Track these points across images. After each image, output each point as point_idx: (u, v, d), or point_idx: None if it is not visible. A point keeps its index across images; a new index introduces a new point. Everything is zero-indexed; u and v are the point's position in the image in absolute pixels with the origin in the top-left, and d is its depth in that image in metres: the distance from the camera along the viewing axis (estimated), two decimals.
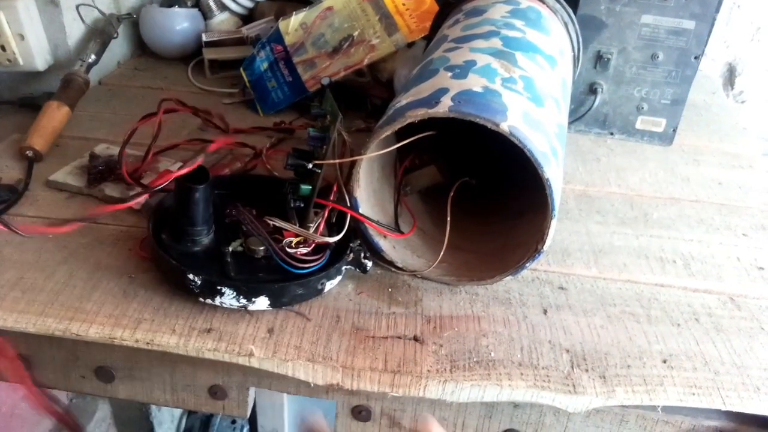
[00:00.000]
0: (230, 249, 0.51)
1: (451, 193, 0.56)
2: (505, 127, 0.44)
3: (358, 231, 0.54)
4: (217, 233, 0.53)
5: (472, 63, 0.51)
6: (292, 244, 0.50)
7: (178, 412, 1.47)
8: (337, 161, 0.52)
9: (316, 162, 0.52)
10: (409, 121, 0.46)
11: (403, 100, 0.49)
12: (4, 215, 0.59)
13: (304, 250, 0.50)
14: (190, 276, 0.47)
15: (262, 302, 0.48)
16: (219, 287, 0.47)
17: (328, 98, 0.55)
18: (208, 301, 0.48)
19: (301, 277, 0.49)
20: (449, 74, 0.50)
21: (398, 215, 0.57)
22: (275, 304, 0.49)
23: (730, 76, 1.14)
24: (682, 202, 0.69)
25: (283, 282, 0.49)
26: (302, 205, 0.53)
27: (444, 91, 0.47)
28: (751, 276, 0.58)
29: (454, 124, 0.46)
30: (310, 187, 0.52)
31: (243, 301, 0.48)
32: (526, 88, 0.49)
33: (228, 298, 0.47)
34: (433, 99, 0.46)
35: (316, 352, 0.47)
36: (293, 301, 0.50)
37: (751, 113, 1.14)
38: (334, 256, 0.52)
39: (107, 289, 0.51)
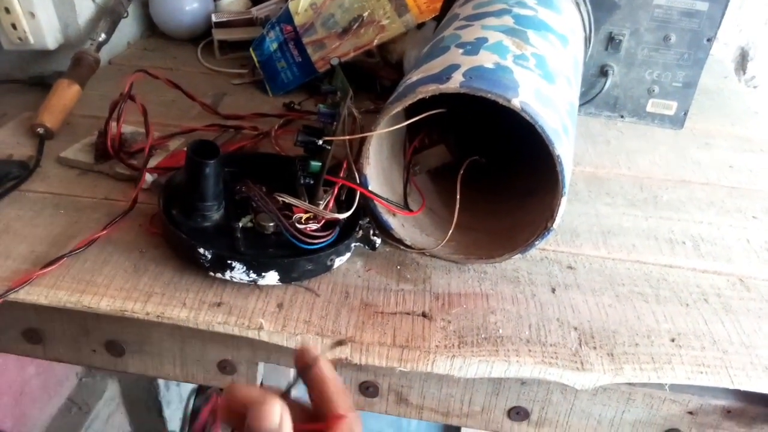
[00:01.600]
0: (240, 225, 0.51)
1: (461, 172, 0.56)
2: (516, 102, 0.44)
3: (367, 208, 0.54)
4: (227, 209, 0.53)
5: (484, 40, 0.50)
6: (302, 220, 0.50)
7: (186, 392, 1.49)
8: (347, 138, 0.52)
9: (326, 138, 0.52)
10: (420, 96, 0.46)
11: (414, 77, 0.49)
12: (16, 191, 0.59)
13: (313, 226, 0.51)
14: (201, 250, 0.48)
15: (271, 277, 0.48)
16: (229, 261, 0.47)
17: (338, 75, 0.55)
18: (219, 275, 0.48)
19: (311, 253, 0.49)
20: (460, 51, 0.49)
21: (407, 194, 0.57)
22: (285, 279, 0.49)
23: (742, 61, 1.13)
24: (692, 185, 0.68)
25: (292, 257, 0.49)
26: (312, 181, 0.53)
27: (455, 67, 0.47)
28: (761, 258, 0.58)
29: (464, 101, 0.46)
30: (320, 164, 0.52)
31: (253, 275, 0.48)
32: (537, 65, 0.49)
33: (238, 272, 0.48)
34: (445, 75, 0.46)
35: (325, 327, 0.47)
36: (303, 276, 0.50)
37: (763, 98, 1.13)
38: (344, 233, 0.52)
39: (118, 264, 0.51)
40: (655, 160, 0.73)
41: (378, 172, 0.54)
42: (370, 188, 0.52)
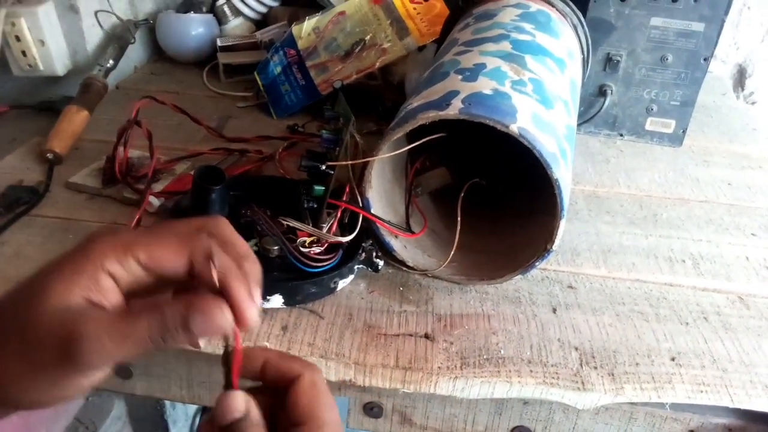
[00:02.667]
0: None
1: (461, 194, 0.57)
2: (514, 128, 0.45)
3: (370, 231, 0.55)
4: None
5: (482, 66, 0.52)
6: (306, 244, 0.51)
7: (191, 410, 1.49)
8: (350, 162, 0.53)
9: (330, 164, 0.53)
10: (420, 123, 0.47)
11: (414, 103, 0.50)
12: (26, 216, 0.60)
13: (317, 249, 0.51)
14: None
15: (276, 300, 0.49)
16: None
17: (340, 101, 0.56)
18: None
19: (315, 276, 0.50)
20: (459, 77, 0.50)
21: (409, 215, 0.58)
22: (289, 302, 0.50)
23: (740, 78, 1.14)
24: (691, 203, 0.69)
25: (297, 281, 0.50)
26: (315, 205, 0.54)
27: (454, 93, 0.48)
28: (760, 275, 0.58)
29: (464, 126, 0.47)
30: (324, 188, 0.53)
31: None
32: (535, 90, 0.50)
33: None
34: (444, 101, 0.47)
35: (329, 349, 0.48)
36: (307, 299, 0.51)
37: (762, 114, 1.13)
38: (347, 256, 0.53)
39: None
40: (655, 178, 0.74)
41: (380, 195, 0.55)
42: (372, 211, 0.53)
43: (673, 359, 0.48)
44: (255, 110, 0.87)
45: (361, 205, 0.53)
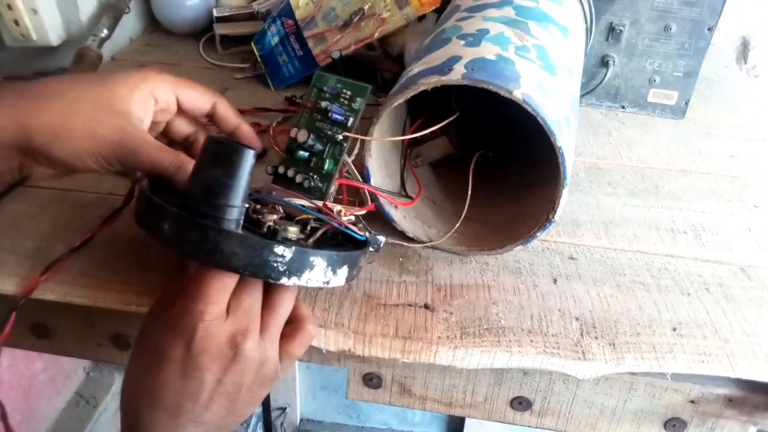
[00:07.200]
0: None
1: (472, 167, 0.55)
2: (518, 94, 0.44)
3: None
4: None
5: (485, 31, 0.50)
6: (342, 213, 0.47)
7: None
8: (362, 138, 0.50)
9: (346, 134, 0.50)
10: (422, 88, 0.46)
11: (415, 68, 0.49)
12: (21, 186, 0.60)
13: (351, 218, 0.48)
14: (279, 249, 0.38)
15: (341, 275, 0.42)
16: (311, 259, 0.39)
17: (327, 78, 0.54)
18: (293, 279, 0.39)
19: (364, 243, 0.46)
20: (462, 42, 0.49)
21: (404, 182, 0.57)
22: (350, 276, 0.43)
23: (744, 50, 1.12)
24: (693, 175, 0.69)
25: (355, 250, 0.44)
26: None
27: (457, 59, 0.47)
28: (762, 247, 0.58)
29: (465, 92, 0.46)
30: (334, 161, 0.51)
31: (329, 274, 0.41)
32: (539, 56, 0.49)
33: (317, 272, 0.40)
34: (446, 66, 0.46)
35: (328, 319, 0.47)
36: (358, 271, 0.45)
37: (764, 87, 1.12)
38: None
39: (124, 258, 0.52)
40: (657, 150, 0.73)
41: (380, 165, 0.54)
42: (372, 181, 0.52)
43: (674, 329, 0.48)
44: (252, 82, 0.86)
45: (360, 177, 0.52)
